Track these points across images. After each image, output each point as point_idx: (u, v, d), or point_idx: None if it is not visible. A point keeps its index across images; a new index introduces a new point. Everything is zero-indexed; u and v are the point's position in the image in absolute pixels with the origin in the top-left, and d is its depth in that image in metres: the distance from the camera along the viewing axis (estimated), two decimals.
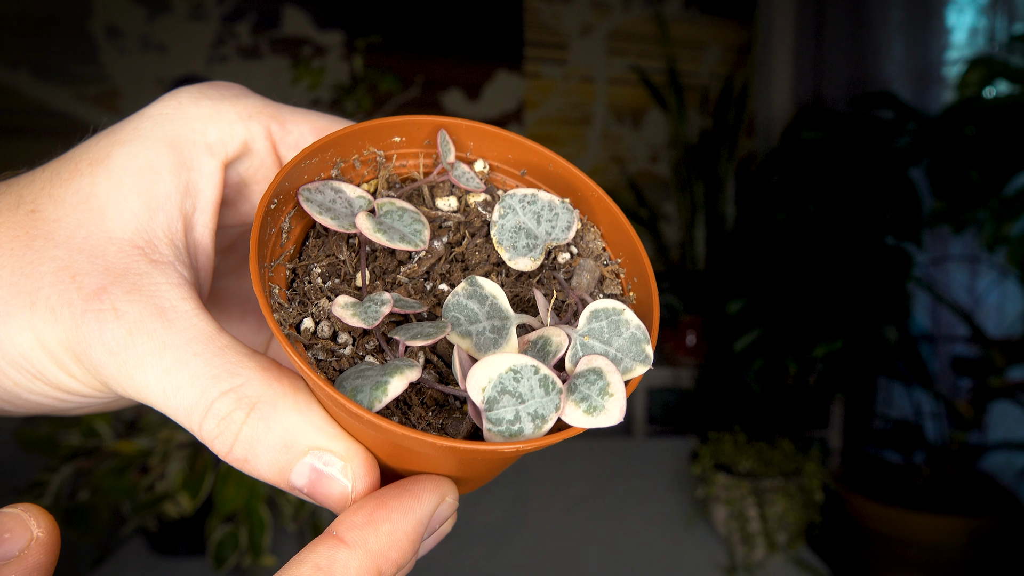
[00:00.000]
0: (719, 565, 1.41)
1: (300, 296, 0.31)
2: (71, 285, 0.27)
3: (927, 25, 2.56)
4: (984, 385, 1.94)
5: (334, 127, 0.34)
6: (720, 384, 2.48)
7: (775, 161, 2.42)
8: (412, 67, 2.76)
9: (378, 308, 0.28)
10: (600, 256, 0.35)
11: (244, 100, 0.33)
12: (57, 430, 1.29)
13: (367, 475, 0.27)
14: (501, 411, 0.26)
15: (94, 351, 0.27)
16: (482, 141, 0.35)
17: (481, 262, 0.34)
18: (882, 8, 2.66)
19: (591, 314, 0.29)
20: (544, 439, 0.26)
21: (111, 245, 0.28)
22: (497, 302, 0.30)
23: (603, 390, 0.27)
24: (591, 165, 3.02)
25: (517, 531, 1.54)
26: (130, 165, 0.30)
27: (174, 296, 0.28)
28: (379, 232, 0.31)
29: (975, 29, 2.48)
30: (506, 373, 0.26)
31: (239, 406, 0.26)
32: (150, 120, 0.31)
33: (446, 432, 0.28)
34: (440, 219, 0.34)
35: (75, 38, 2.41)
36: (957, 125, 1.78)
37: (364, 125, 0.33)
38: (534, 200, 0.33)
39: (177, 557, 1.37)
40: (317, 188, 0.32)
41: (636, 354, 0.29)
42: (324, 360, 0.29)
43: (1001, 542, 1.83)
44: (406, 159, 0.35)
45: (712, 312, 2.62)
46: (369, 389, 0.25)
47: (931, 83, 2.56)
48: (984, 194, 1.70)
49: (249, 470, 0.27)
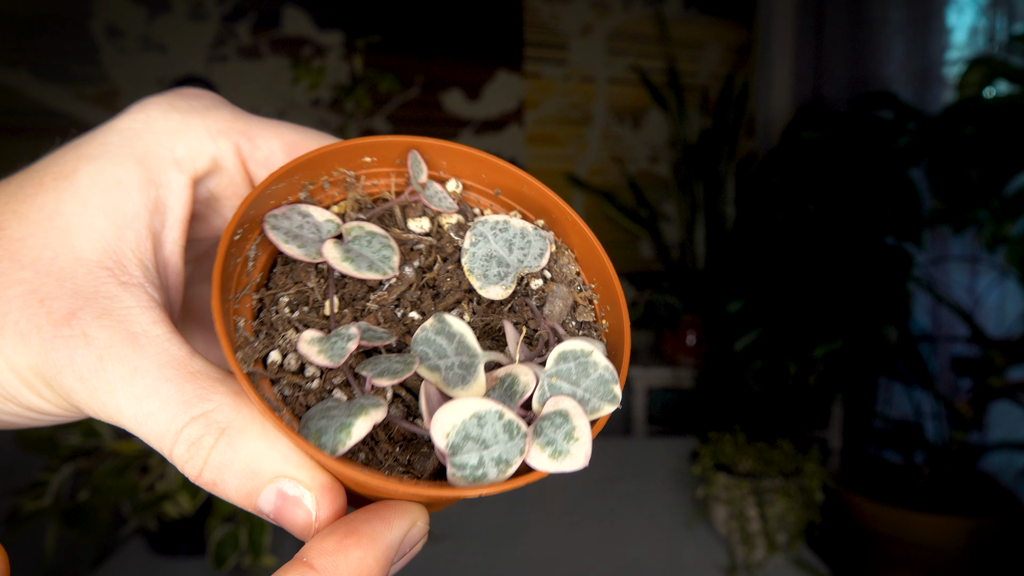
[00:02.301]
0: (719, 565, 1.41)
1: (267, 327, 0.30)
2: (40, 310, 0.27)
3: (927, 25, 2.56)
4: (984, 385, 1.94)
5: (305, 141, 0.34)
6: (720, 384, 2.48)
7: (775, 161, 2.42)
8: (412, 67, 2.76)
9: (344, 344, 0.28)
10: (574, 281, 0.34)
11: (214, 113, 0.33)
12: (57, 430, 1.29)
13: (331, 503, 0.27)
14: (465, 456, 0.26)
15: (64, 377, 0.27)
16: (455, 161, 0.35)
17: (452, 288, 0.33)
18: (882, 8, 2.66)
19: (559, 355, 0.29)
20: (508, 483, 0.26)
21: (79, 267, 0.28)
22: (465, 340, 0.29)
23: (568, 434, 0.27)
24: (591, 165, 3.02)
25: (517, 531, 1.54)
26: (97, 182, 0.29)
27: (145, 320, 0.28)
28: (346, 261, 0.30)
29: (975, 29, 2.48)
30: (470, 419, 0.26)
31: (208, 431, 0.26)
32: (118, 135, 0.31)
33: (413, 468, 0.28)
34: (411, 242, 0.34)
35: (75, 38, 2.41)
36: (957, 125, 1.78)
37: (333, 147, 0.32)
38: (506, 227, 0.33)
39: (177, 557, 1.37)
40: (284, 214, 0.31)
41: (604, 394, 0.29)
42: (291, 395, 0.29)
43: (1001, 542, 1.83)
44: (377, 179, 0.34)
45: (712, 312, 2.62)
46: (333, 431, 0.25)
47: (931, 83, 2.56)
48: (984, 194, 1.70)
49: (219, 493, 0.27)
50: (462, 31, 2.83)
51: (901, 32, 2.62)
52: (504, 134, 2.90)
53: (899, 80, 2.60)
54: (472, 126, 2.86)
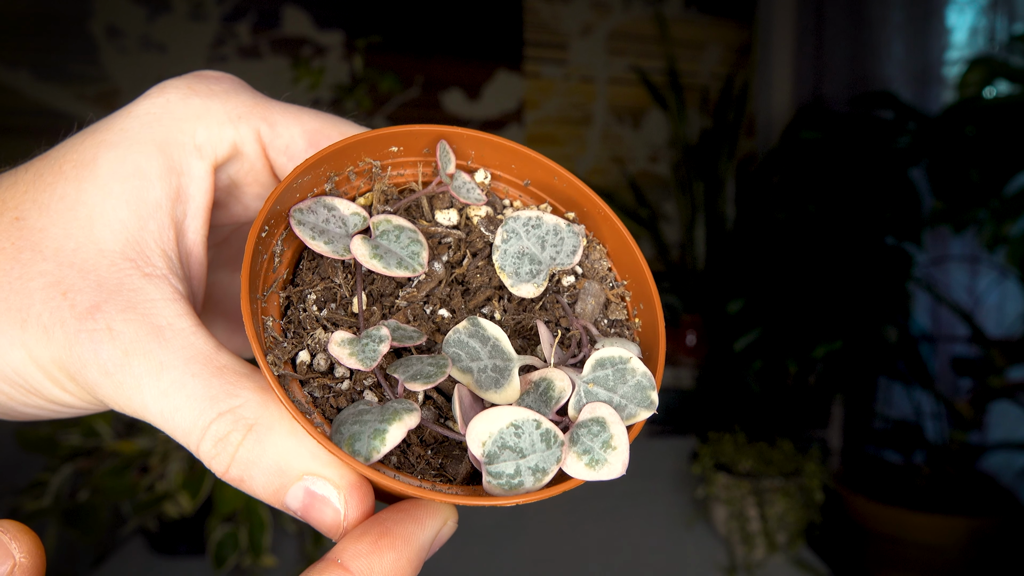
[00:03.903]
0: (719, 565, 1.41)
1: (295, 326, 0.29)
2: (63, 303, 0.26)
3: (927, 25, 2.56)
4: (984, 385, 1.94)
5: (327, 128, 0.33)
6: (720, 384, 2.48)
7: (775, 161, 2.42)
8: (412, 67, 2.76)
9: (376, 347, 0.27)
10: (606, 277, 0.34)
11: (234, 97, 0.32)
12: (57, 430, 1.29)
13: (361, 503, 0.26)
14: (501, 465, 0.25)
15: (89, 371, 0.26)
16: (484, 150, 0.34)
17: (483, 285, 0.32)
18: (882, 8, 2.66)
19: (597, 362, 0.29)
20: (544, 491, 0.25)
21: (102, 258, 0.27)
22: (500, 344, 0.29)
23: (606, 443, 0.26)
24: (591, 165, 3.02)
25: (517, 531, 1.54)
26: (118, 170, 0.28)
27: (170, 313, 0.27)
28: (375, 258, 0.29)
29: (975, 29, 2.48)
30: (507, 428, 0.26)
31: (236, 427, 0.26)
32: (137, 120, 0.30)
33: (445, 471, 0.28)
34: (439, 235, 0.33)
35: (75, 38, 2.41)
36: (957, 125, 1.78)
37: (360, 137, 0.31)
38: (539, 224, 0.32)
39: (177, 557, 1.37)
40: (309, 207, 0.30)
41: (641, 400, 0.29)
42: (321, 397, 0.28)
43: (1001, 542, 1.83)
44: (403, 168, 0.33)
45: (712, 312, 2.62)
46: (367, 437, 0.25)
47: (931, 83, 2.56)
48: (984, 194, 1.70)
49: (246, 489, 0.26)
50: (462, 31, 2.82)
51: (901, 32, 2.62)
52: (504, 134, 2.89)
53: (899, 80, 2.60)
54: (472, 126, 2.83)
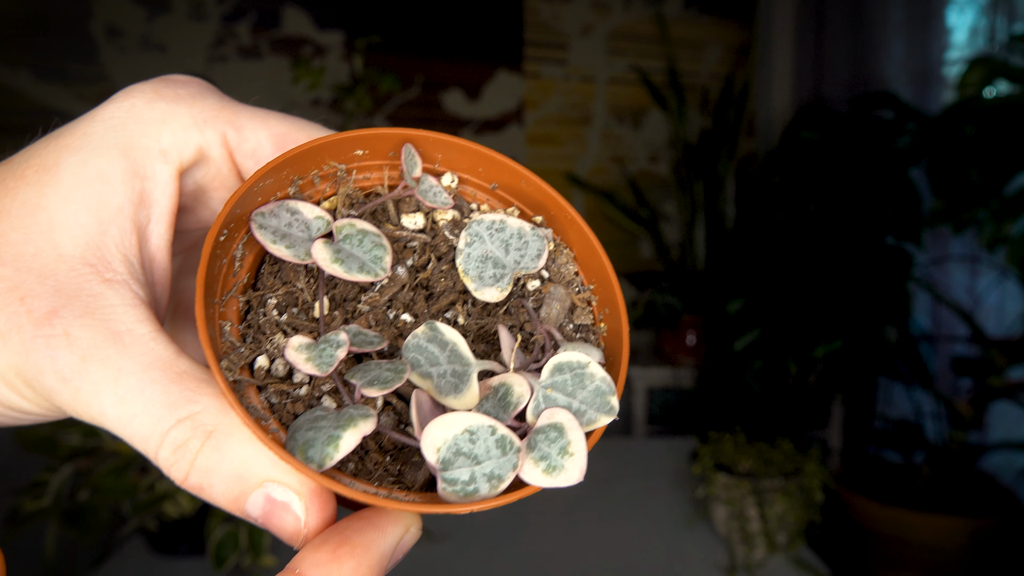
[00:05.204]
0: (719, 565, 1.41)
1: (255, 331, 0.29)
2: (20, 308, 0.26)
3: (927, 25, 2.56)
4: (984, 385, 1.94)
5: (294, 132, 0.32)
6: (720, 384, 2.48)
7: (775, 161, 2.42)
8: (412, 67, 2.76)
9: (333, 352, 0.26)
10: (572, 282, 0.33)
11: (200, 101, 0.31)
12: (57, 430, 1.29)
13: (322, 510, 0.26)
14: (456, 472, 0.25)
15: (46, 378, 0.26)
16: (451, 154, 0.33)
17: (447, 290, 0.32)
18: (882, 8, 2.66)
19: (555, 367, 0.28)
20: (500, 499, 0.25)
21: (61, 263, 0.27)
22: (458, 349, 0.28)
23: (563, 449, 0.26)
24: (591, 165, 3.02)
25: (517, 531, 1.54)
26: (79, 175, 0.28)
27: (129, 319, 0.27)
28: (336, 263, 0.29)
29: (975, 29, 2.48)
30: (461, 434, 0.25)
31: (195, 434, 0.25)
32: (101, 124, 0.30)
33: (403, 478, 0.28)
34: (405, 239, 0.32)
35: (75, 38, 2.41)
36: (957, 125, 1.78)
37: (324, 140, 0.30)
38: (503, 227, 0.31)
39: (177, 557, 1.37)
40: (271, 211, 0.29)
41: (600, 406, 0.28)
42: (278, 403, 0.28)
43: (1001, 542, 1.83)
44: (369, 172, 0.33)
45: (712, 312, 2.62)
46: (321, 444, 0.24)
47: (931, 83, 2.56)
48: (984, 194, 1.70)
49: (205, 497, 0.26)
50: (462, 31, 2.83)
51: (901, 32, 2.62)
52: (504, 134, 2.90)
53: (899, 80, 2.60)
54: (472, 126, 2.86)
